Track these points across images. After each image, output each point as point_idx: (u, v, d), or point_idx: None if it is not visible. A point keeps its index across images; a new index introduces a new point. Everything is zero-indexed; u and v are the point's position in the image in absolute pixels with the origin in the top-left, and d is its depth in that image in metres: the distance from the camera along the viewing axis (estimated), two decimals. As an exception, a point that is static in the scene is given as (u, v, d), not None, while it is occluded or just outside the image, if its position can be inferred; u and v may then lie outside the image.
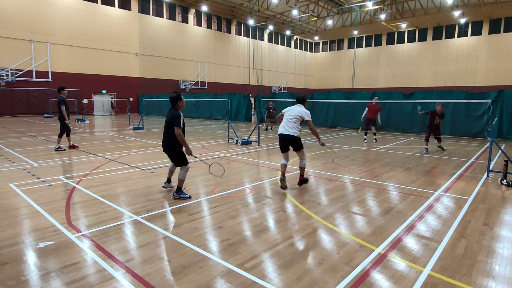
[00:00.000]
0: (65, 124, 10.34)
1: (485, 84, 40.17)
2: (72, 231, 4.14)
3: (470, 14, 38.88)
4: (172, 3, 37.70)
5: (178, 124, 5.25)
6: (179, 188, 5.52)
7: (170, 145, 5.43)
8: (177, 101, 5.45)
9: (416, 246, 3.83)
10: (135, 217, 4.65)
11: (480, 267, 3.35)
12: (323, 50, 58.44)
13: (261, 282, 3.02)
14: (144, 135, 15.16)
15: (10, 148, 10.80)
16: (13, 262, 3.35)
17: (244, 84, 47.47)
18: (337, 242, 3.92)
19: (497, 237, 4.09)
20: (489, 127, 14.03)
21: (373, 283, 3.03)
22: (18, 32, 27.08)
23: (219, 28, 43.45)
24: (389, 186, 6.58)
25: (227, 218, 4.65)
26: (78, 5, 30.22)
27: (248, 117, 25.83)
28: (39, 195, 5.63)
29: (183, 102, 5.54)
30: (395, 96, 17.77)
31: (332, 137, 15.46)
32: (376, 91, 22.25)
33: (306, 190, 6.17)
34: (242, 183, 6.65)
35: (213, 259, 3.45)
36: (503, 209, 5.18)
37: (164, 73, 37.85)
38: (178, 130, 5.25)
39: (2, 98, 26.97)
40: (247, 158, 9.45)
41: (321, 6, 38.10)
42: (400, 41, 48.12)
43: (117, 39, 33.28)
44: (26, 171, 7.46)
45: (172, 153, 5.51)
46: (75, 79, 30.62)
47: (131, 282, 3.00)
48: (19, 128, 17.95)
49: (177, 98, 5.45)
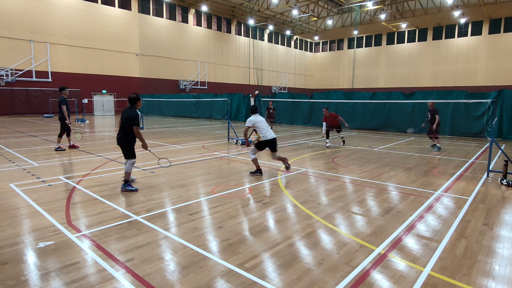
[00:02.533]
0: (65, 124, 10.34)
1: (485, 84, 40.17)
2: (72, 231, 4.14)
3: (470, 14, 38.87)
4: (172, 3, 37.70)
5: (137, 124, 5.87)
6: (126, 181, 5.95)
7: (124, 139, 5.98)
8: (136, 101, 5.98)
9: (416, 246, 3.83)
10: (135, 217, 4.65)
11: (480, 267, 3.35)
12: (323, 50, 58.44)
13: (261, 282, 3.03)
14: (144, 135, 15.09)
15: (10, 148, 10.80)
16: (13, 262, 3.35)
17: (244, 84, 47.47)
18: (337, 242, 3.92)
19: (497, 237, 4.10)
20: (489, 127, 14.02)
21: (373, 283, 3.03)
22: (18, 32, 27.08)
23: (219, 28, 43.46)
24: (389, 186, 6.58)
25: (227, 218, 4.65)
26: (78, 5, 30.22)
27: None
28: (39, 195, 5.63)
29: (141, 103, 6.12)
30: (395, 96, 17.76)
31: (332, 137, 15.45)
32: (376, 91, 22.21)
33: (306, 190, 6.17)
34: (242, 183, 6.65)
35: (213, 259, 3.45)
36: (503, 209, 5.18)
37: (164, 73, 37.86)
38: (137, 129, 5.87)
39: (2, 98, 26.97)
40: (247, 158, 9.45)
41: (321, 6, 38.10)
42: (400, 41, 48.13)
43: (117, 39, 33.28)
44: (26, 171, 7.46)
45: (126, 147, 6.01)
46: (75, 79, 30.61)
47: (131, 282, 3.00)
48: (19, 128, 17.95)
49: (136, 99, 5.97)
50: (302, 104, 21.70)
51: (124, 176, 5.95)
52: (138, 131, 5.86)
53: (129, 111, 5.86)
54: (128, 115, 5.82)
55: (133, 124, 5.80)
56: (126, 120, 5.85)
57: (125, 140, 5.96)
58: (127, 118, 5.83)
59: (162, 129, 18.57)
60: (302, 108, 21.92)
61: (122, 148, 6.07)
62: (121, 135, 5.96)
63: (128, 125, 5.84)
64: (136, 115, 5.83)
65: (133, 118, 5.80)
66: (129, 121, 5.81)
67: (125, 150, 6.02)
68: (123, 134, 5.93)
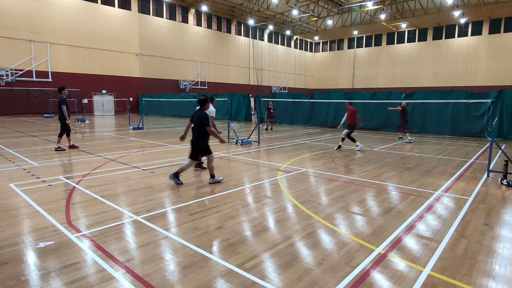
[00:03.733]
0: (65, 124, 10.34)
1: (485, 84, 40.17)
2: (72, 231, 4.14)
3: (470, 14, 38.86)
4: (172, 3, 37.69)
5: (209, 124, 6.34)
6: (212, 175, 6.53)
7: (200, 140, 6.41)
8: (205, 103, 6.48)
9: (416, 246, 3.83)
10: (135, 217, 4.65)
11: (480, 267, 3.35)
12: (323, 50, 58.43)
13: (261, 282, 3.02)
14: (144, 135, 15.16)
15: (10, 148, 10.80)
16: (13, 262, 3.35)
17: (244, 84, 47.47)
18: (337, 242, 3.92)
19: (497, 237, 4.09)
20: (489, 127, 14.04)
21: (373, 283, 3.03)
22: (18, 32, 27.08)
23: (219, 28, 43.45)
24: (389, 186, 6.58)
25: (227, 218, 4.65)
26: (78, 5, 30.21)
27: (248, 117, 25.84)
28: (39, 195, 5.63)
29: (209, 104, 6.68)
30: (395, 96, 17.76)
31: (332, 137, 15.46)
32: (376, 91, 22.23)
33: (306, 190, 6.17)
34: (242, 183, 6.65)
35: (213, 259, 3.45)
36: (503, 209, 5.18)
37: (164, 73, 37.85)
38: (210, 128, 6.36)
39: (2, 98, 26.96)
40: (247, 158, 9.45)
41: (321, 6, 38.09)
42: (400, 41, 48.12)
43: (117, 39, 33.28)
44: (26, 171, 7.46)
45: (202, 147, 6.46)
46: (75, 79, 30.61)
47: (131, 282, 3.00)
48: (19, 128, 17.95)
49: (205, 100, 6.46)
50: (302, 104, 21.70)
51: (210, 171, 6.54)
52: (211, 130, 6.37)
53: (199, 114, 6.35)
54: (199, 118, 6.30)
55: (205, 125, 6.29)
56: (198, 123, 6.33)
57: (201, 141, 6.41)
58: (198, 121, 6.31)
59: (162, 129, 18.57)
60: (302, 108, 21.92)
61: (197, 149, 6.46)
62: (196, 137, 6.40)
63: (201, 126, 6.31)
64: (207, 117, 6.31)
65: (204, 120, 6.28)
66: (201, 122, 6.29)
67: (203, 149, 6.47)
68: (198, 136, 6.38)
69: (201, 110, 6.43)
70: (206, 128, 6.31)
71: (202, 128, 6.32)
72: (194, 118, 6.44)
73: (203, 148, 6.48)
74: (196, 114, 6.43)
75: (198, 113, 6.38)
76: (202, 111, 6.40)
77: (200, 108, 6.47)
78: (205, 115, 6.32)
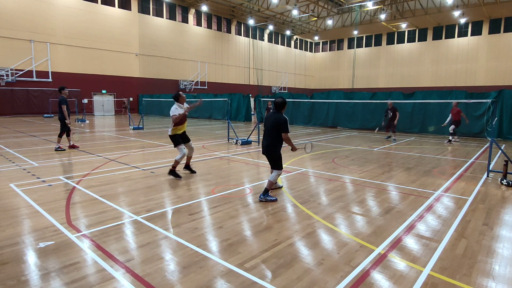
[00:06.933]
0: (65, 124, 10.35)
1: (485, 84, 40.18)
2: (72, 231, 4.14)
3: (470, 14, 38.87)
4: (172, 3, 37.69)
5: (287, 130, 5.44)
6: (266, 190, 5.53)
7: (272, 146, 5.58)
8: (284, 106, 5.59)
9: (416, 246, 3.83)
10: (135, 217, 4.65)
11: (480, 267, 3.35)
12: (323, 50, 58.43)
13: (261, 282, 3.02)
14: (144, 135, 15.16)
15: (10, 148, 10.80)
16: (13, 262, 3.35)
17: (244, 84, 47.47)
18: (337, 242, 3.92)
19: (497, 237, 4.10)
20: (489, 127, 14.03)
21: (373, 283, 3.03)
22: (18, 32, 27.08)
23: (219, 28, 43.45)
24: (389, 186, 6.58)
25: (227, 218, 4.65)
26: (78, 5, 30.22)
27: (248, 117, 25.83)
28: (39, 195, 5.63)
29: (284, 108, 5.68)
30: (395, 96, 17.77)
31: (333, 137, 15.46)
32: (376, 91, 22.22)
33: (306, 190, 6.17)
34: (242, 183, 6.65)
35: (213, 259, 3.45)
36: (503, 209, 5.18)
37: (164, 73, 37.85)
38: (286, 134, 5.46)
39: (2, 98, 26.97)
40: (247, 158, 9.45)
41: (321, 6, 38.11)
42: (400, 41, 48.13)
43: (117, 39, 33.28)
44: (26, 171, 7.46)
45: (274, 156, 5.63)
46: (75, 79, 30.61)
47: (131, 282, 3.00)
48: (19, 128, 17.95)
49: (284, 103, 5.58)
50: (302, 104, 21.69)
51: (267, 184, 5.56)
52: (287, 137, 5.47)
53: (276, 116, 5.49)
54: (276, 121, 5.46)
55: (282, 131, 5.41)
56: (273, 125, 5.49)
57: (273, 147, 5.58)
58: (274, 123, 5.47)
59: (162, 129, 18.56)
60: (302, 108, 21.92)
61: (269, 157, 5.68)
62: (269, 142, 5.58)
63: (276, 130, 5.47)
64: (285, 121, 5.44)
65: (283, 123, 5.41)
66: (278, 126, 5.43)
67: (273, 160, 5.64)
68: (271, 140, 5.56)
69: (278, 114, 5.52)
70: (282, 135, 5.45)
71: (277, 134, 5.48)
72: (269, 122, 5.59)
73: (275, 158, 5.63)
74: (271, 117, 5.56)
75: (274, 117, 5.50)
76: (280, 115, 5.49)
77: (276, 111, 5.57)
78: (283, 120, 5.43)
